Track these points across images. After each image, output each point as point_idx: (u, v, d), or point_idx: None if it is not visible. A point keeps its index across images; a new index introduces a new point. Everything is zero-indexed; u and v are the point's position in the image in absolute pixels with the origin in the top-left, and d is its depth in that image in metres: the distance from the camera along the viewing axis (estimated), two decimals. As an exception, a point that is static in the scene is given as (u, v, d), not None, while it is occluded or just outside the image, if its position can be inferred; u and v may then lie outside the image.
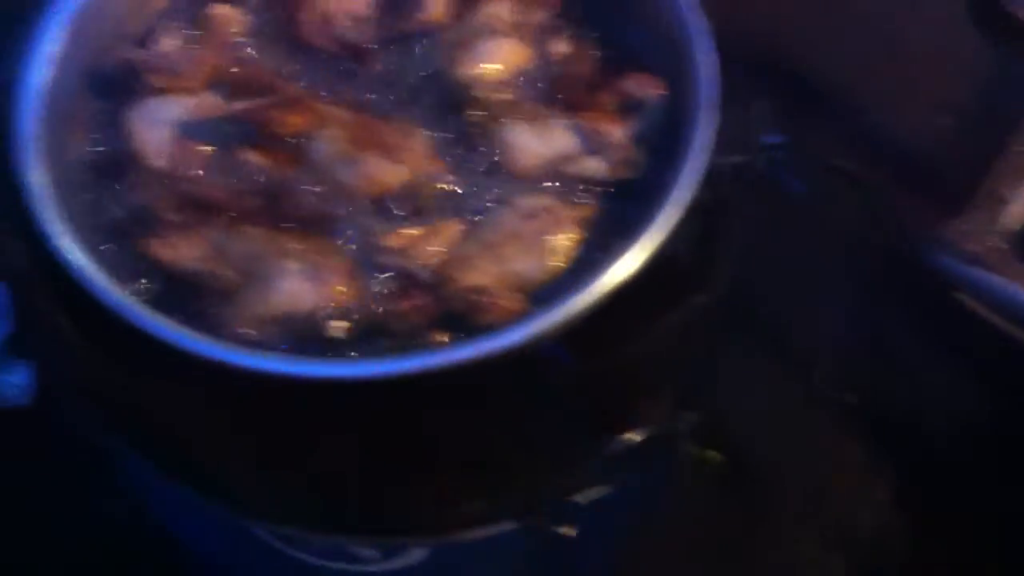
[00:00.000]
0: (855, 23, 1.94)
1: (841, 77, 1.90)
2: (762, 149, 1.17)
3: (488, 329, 0.99)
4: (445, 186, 1.10)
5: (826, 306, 1.69)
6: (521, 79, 1.17)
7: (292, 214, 1.06)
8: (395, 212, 1.08)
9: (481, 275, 1.04)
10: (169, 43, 1.15)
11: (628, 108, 1.15)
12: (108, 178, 1.08)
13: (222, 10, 1.17)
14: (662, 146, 1.13)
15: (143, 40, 1.17)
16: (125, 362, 0.98)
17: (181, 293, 1.03)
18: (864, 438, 1.62)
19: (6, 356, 1.39)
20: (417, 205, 1.08)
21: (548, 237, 1.06)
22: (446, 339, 1.00)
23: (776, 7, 1.92)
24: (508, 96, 1.15)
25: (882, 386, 1.62)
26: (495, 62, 1.16)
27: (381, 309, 1.02)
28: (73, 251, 0.96)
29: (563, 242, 1.07)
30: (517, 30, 1.20)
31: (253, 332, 1.00)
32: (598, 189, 1.11)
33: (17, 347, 1.42)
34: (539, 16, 1.22)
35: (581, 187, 1.11)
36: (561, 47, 1.20)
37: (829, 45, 1.92)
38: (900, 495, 1.45)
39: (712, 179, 1.11)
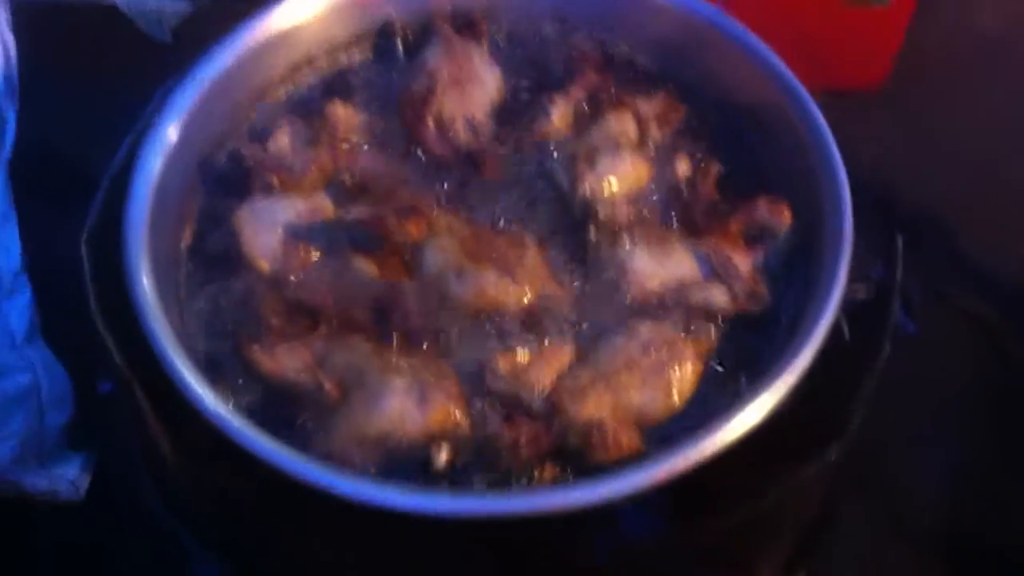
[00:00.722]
0: (956, 164, 1.91)
1: (943, 214, 1.85)
2: (889, 283, 1.09)
3: (603, 468, 0.92)
4: (560, 306, 1.04)
5: (936, 447, 1.61)
6: (643, 198, 1.12)
7: (400, 326, 1.01)
8: (506, 331, 1.02)
9: (596, 407, 0.97)
10: (284, 140, 1.12)
11: (753, 235, 1.10)
12: (213, 278, 1.05)
13: (340, 110, 1.14)
14: (790, 277, 1.07)
15: (258, 135, 1.14)
16: (217, 473, 0.92)
17: (280, 402, 0.98)
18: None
19: (64, 447, 1.35)
20: (530, 325, 1.03)
21: (668, 370, 1.00)
22: (557, 475, 0.94)
23: (883, 151, 1.89)
24: (629, 215, 1.10)
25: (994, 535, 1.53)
26: (616, 178, 1.11)
27: (489, 437, 0.95)
28: (175, 357, 0.91)
29: (683, 376, 1.00)
30: (640, 147, 1.15)
31: (350, 451, 0.95)
32: (721, 320, 1.05)
33: (75, 437, 1.38)
34: (663, 133, 1.17)
35: (703, 317, 1.04)
36: (684, 167, 1.15)
37: (933, 185, 1.88)
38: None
39: (845, 315, 1.04)
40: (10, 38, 1.29)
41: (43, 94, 1.35)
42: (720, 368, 1.02)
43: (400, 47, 1.23)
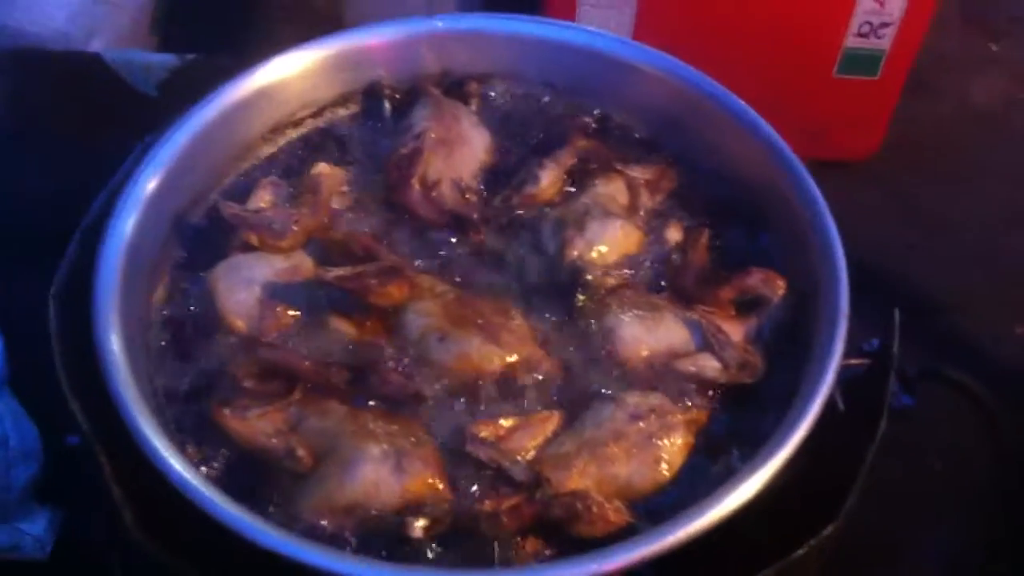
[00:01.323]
0: (947, 237, 1.90)
1: (936, 288, 1.84)
2: (884, 356, 1.06)
3: (587, 543, 0.88)
4: (545, 374, 1.00)
5: (935, 522, 1.57)
6: (633, 265, 1.09)
7: (378, 391, 0.97)
8: (489, 397, 0.98)
9: (580, 477, 0.93)
10: (266, 198, 1.09)
11: (746, 305, 1.07)
12: (185, 338, 1.01)
13: (325, 170, 1.12)
14: (785, 349, 1.04)
15: (239, 193, 1.11)
16: (184, 542, 0.88)
17: (250, 467, 0.94)
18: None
19: (29, 501, 1.30)
20: (513, 392, 0.99)
21: (657, 441, 0.96)
22: (539, 548, 0.90)
23: (877, 222, 1.88)
24: (618, 281, 1.07)
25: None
26: (606, 244, 1.08)
27: (469, 508, 0.91)
28: (143, 424, 0.87)
29: (673, 448, 0.96)
30: (631, 213, 1.13)
31: (321, 520, 0.90)
32: (713, 391, 1.01)
33: (42, 491, 1.33)
34: (654, 200, 1.15)
35: (694, 387, 1.01)
36: (676, 234, 1.12)
37: (925, 258, 1.86)
38: None
39: (840, 387, 1.01)
40: (-10, 90, 1.26)
41: (23, 142, 1.32)
42: (712, 440, 0.98)
43: (387, 107, 1.21)
